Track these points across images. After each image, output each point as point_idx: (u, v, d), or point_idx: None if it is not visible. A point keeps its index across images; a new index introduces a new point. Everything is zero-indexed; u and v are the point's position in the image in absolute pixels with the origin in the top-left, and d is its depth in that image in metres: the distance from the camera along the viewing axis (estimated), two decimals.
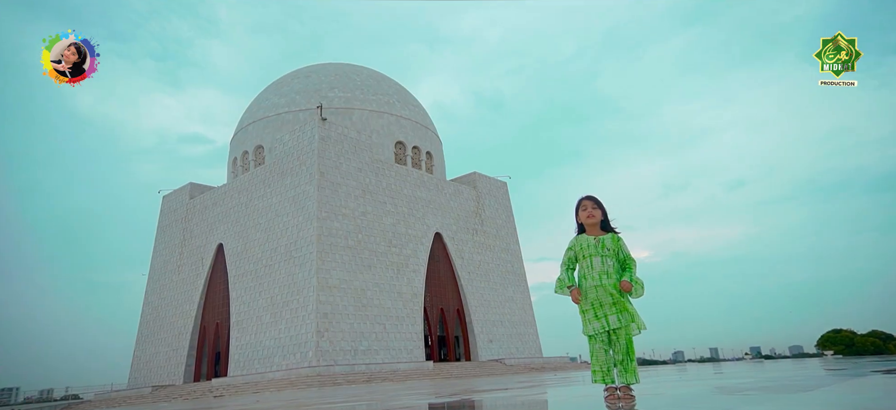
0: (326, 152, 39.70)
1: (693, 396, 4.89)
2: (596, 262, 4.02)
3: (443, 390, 10.63)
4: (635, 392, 4.00)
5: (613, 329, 3.89)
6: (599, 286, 3.97)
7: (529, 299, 54.87)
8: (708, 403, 4.14)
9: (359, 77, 51.50)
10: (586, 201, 4.15)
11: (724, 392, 4.77)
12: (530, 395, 6.32)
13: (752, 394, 4.57)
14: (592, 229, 4.11)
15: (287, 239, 38.44)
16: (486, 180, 54.79)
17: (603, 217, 4.14)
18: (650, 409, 3.68)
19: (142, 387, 42.72)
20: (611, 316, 3.88)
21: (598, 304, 3.96)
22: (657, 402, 4.15)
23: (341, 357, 35.00)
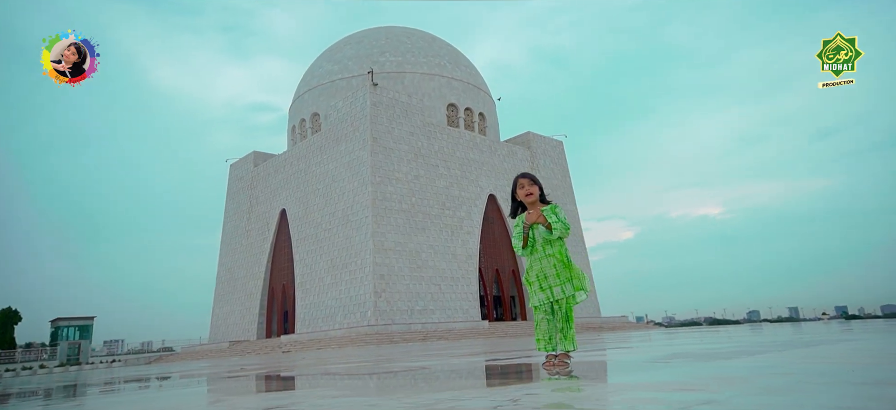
0: (378, 118, 40.22)
1: (623, 364, 4.82)
2: (538, 234, 4.06)
3: (496, 348, 10.84)
4: (572, 359, 4.15)
5: (556, 300, 3.97)
6: (543, 256, 4.02)
7: (587, 258, 54.18)
8: (623, 371, 4.16)
9: (410, 40, 51.34)
10: (522, 179, 4.15)
11: (658, 361, 4.56)
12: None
13: (675, 362, 4.37)
14: (532, 206, 4.13)
15: (344, 204, 39.66)
16: (540, 140, 53.83)
17: (540, 193, 4.16)
18: (579, 373, 3.79)
19: (220, 342, 46.12)
20: (556, 288, 3.94)
21: (543, 276, 4.01)
22: (588, 369, 4.23)
23: (398, 316, 36.19)
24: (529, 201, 4.06)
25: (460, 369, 5.34)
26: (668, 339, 11.57)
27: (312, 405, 3.04)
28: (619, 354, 6.35)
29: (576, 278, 3.97)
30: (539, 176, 51.66)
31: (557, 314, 3.96)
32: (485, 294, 45.15)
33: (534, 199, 4.05)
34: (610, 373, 4.15)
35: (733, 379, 2.97)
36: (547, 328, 3.96)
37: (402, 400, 2.90)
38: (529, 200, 4.05)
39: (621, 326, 47.63)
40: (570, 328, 3.95)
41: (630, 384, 3.24)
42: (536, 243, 4.01)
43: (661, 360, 4.61)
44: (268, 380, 6.15)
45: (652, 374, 3.65)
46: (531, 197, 4.05)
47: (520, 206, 4.15)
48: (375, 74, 44.57)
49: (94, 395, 6.09)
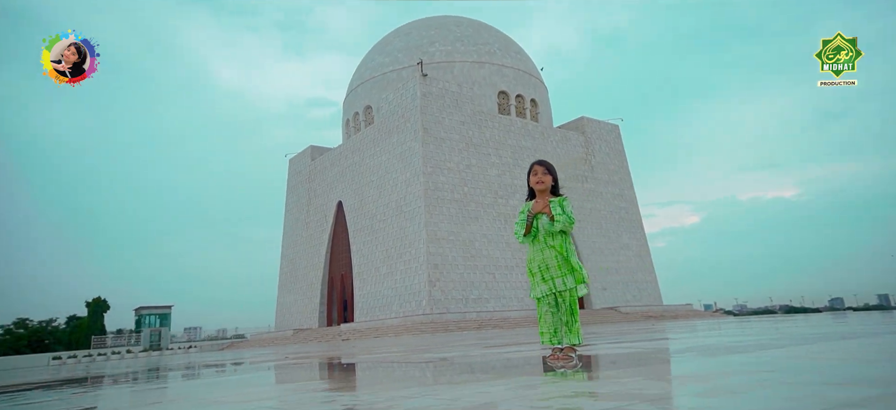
0: (429, 108, 40.58)
1: (639, 356, 4.66)
2: (541, 225, 4.04)
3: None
4: (578, 352, 4.11)
5: (559, 292, 3.93)
6: (545, 247, 4.00)
7: (646, 245, 52.54)
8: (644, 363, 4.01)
9: (459, 29, 51.28)
10: (537, 166, 4.14)
11: (679, 353, 4.40)
12: (626, 347, 6.31)
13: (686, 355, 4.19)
14: (542, 195, 4.10)
15: (397, 195, 40.42)
16: (595, 125, 52.49)
17: (553, 183, 4.13)
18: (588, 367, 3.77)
19: (285, 330, 48.42)
20: (557, 279, 3.92)
21: (545, 267, 3.99)
22: (596, 362, 4.15)
23: (453, 305, 36.61)
24: (540, 189, 4.07)
25: (514, 361, 5.38)
26: (715, 328, 11.11)
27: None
28: (642, 346, 6.23)
29: (576, 271, 3.95)
30: (594, 162, 50.55)
31: (562, 306, 3.94)
32: None
33: (544, 188, 4.06)
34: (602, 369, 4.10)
35: (702, 377, 2.92)
36: (551, 320, 3.96)
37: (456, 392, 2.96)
38: (540, 187, 4.07)
39: (685, 314, 45.94)
40: (576, 320, 3.93)
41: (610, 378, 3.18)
42: (539, 233, 4.00)
43: (679, 353, 4.50)
44: (331, 367, 6.51)
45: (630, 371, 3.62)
46: (542, 185, 4.06)
47: (532, 193, 4.16)
48: (425, 65, 44.91)
49: (176, 379, 6.71)
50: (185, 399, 4.34)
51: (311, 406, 3.05)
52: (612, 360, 4.53)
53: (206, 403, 3.75)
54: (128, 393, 5.19)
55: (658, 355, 4.65)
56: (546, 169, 4.11)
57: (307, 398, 3.46)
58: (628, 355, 5.00)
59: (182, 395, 4.70)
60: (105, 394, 5.11)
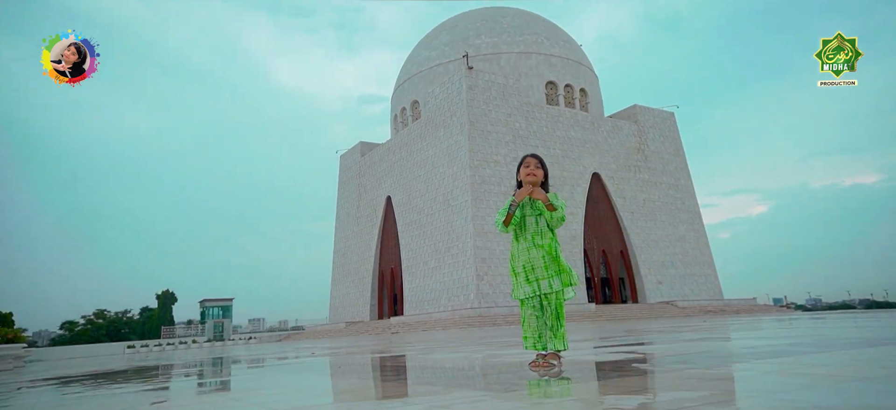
0: (475, 101, 40.30)
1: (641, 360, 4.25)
2: (529, 222, 3.77)
3: (601, 333, 10.45)
4: (563, 358, 3.86)
5: (545, 294, 3.67)
6: (531, 247, 3.74)
7: (705, 237, 50.28)
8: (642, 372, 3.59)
9: (505, 19, 50.60)
10: (530, 158, 3.89)
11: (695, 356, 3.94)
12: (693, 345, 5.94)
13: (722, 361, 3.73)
14: (532, 187, 3.84)
15: (444, 189, 40.46)
16: (648, 113, 50.58)
17: (544, 178, 3.89)
18: (575, 376, 3.35)
19: (338, 322, 49.65)
20: (543, 281, 3.66)
21: (530, 267, 3.73)
22: (583, 371, 3.75)
23: (502, 299, 36.32)
24: (530, 182, 3.84)
25: (508, 364, 5.18)
26: (783, 324, 10.27)
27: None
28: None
29: (564, 272, 3.70)
30: (647, 152, 48.73)
31: (547, 310, 3.70)
32: (591, 276, 43.76)
33: (535, 180, 3.84)
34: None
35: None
36: (535, 324, 3.71)
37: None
38: (530, 180, 3.83)
39: (748, 309, 43.70)
40: (561, 325, 3.69)
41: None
42: (526, 231, 3.78)
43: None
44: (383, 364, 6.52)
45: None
46: (533, 178, 3.83)
47: (520, 185, 3.93)
48: (471, 57, 44.61)
49: (241, 370, 6.94)
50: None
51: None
52: (617, 366, 4.10)
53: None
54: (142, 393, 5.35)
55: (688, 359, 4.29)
56: (539, 162, 3.91)
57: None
58: (666, 355, 4.66)
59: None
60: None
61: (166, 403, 3.97)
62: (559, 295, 3.70)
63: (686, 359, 4.17)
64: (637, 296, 44.20)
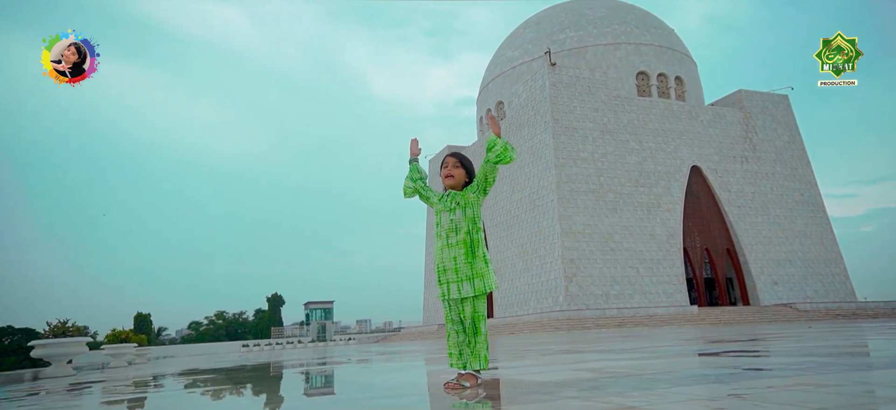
0: (559, 98, 39.17)
1: (555, 384, 3.37)
2: (444, 219, 3.28)
3: (701, 337, 9.62)
4: (481, 379, 3.26)
5: (453, 300, 3.18)
6: (445, 246, 3.25)
7: (832, 232, 44.83)
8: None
9: (590, 11, 48.74)
10: (449, 158, 3.41)
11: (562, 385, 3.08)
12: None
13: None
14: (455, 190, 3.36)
15: (530, 189, 39.70)
16: (756, 98, 46.15)
17: (468, 179, 3.37)
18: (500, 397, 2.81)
19: (432, 324, 50.51)
20: (453, 284, 3.17)
21: (442, 268, 3.25)
22: (511, 391, 3.12)
23: (592, 301, 34.90)
24: (449, 184, 3.41)
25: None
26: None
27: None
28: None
29: (478, 276, 3.17)
30: (756, 140, 44.40)
31: (465, 320, 3.21)
32: (694, 276, 40.68)
33: (454, 182, 3.38)
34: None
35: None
36: (456, 339, 3.24)
37: None
38: (449, 182, 3.40)
39: (888, 312, 38.23)
40: (478, 339, 3.17)
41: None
42: (440, 228, 3.33)
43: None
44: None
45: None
46: (452, 180, 3.38)
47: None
48: (556, 53, 43.45)
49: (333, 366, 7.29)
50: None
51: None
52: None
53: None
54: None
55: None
56: (458, 161, 3.42)
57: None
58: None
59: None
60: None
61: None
62: (476, 305, 3.21)
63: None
64: (748, 298, 40.37)
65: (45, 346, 11.29)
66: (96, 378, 9.41)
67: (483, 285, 3.19)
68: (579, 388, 3.02)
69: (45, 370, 11.56)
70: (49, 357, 11.34)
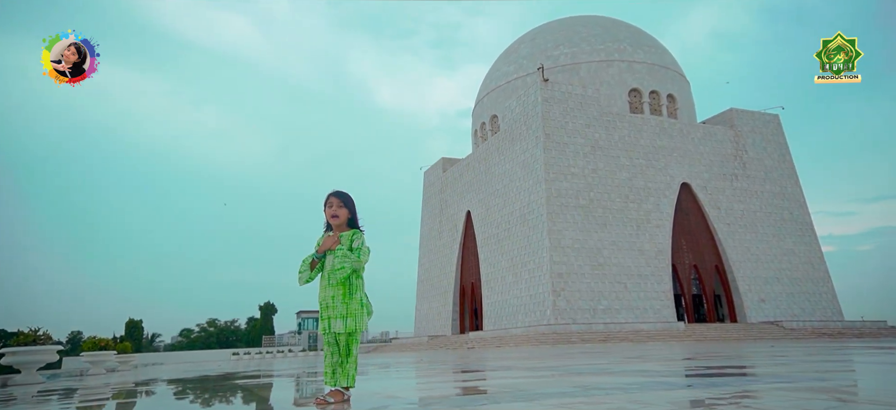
0: (551, 113, 39.63)
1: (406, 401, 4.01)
2: (328, 260, 3.76)
3: (679, 355, 9.86)
4: (351, 395, 3.91)
5: (336, 333, 3.71)
6: (328, 285, 3.76)
7: (819, 251, 45.23)
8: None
9: (585, 28, 49.38)
10: (332, 197, 3.85)
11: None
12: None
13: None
14: (339, 229, 3.83)
15: (520, 203, 40.04)
16: (747, 116, 46.72)
17: (350, 216, 3.86)
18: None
19: (422, 336, 50.60)
20: (335, 320, 3.70)
21: (324, 305, 3.75)
22: (368, 403, 3.88)
23: (580, 316, 35.13)
24: (335, 224, 3.86)
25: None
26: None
27: None
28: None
29: (350, 316, 3.72)
30: (746, 159, 44.90)
31: (339, 345, 3.78)
32: (682, 293, 40.96)
33: (339, 221, 3.85)
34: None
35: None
36: (331, 360, 3.78)
37: None
38: (335, 221, 3.86)
39: (873, 332, 38.49)
40: (349, 361, 3.75)
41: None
42: (325, 268, 3.81)
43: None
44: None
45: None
46: (337, 220, 3.85)
47: (328, 226, 3.95)
48: (549, 69, 43.96)
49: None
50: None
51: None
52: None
53: None
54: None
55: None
56: (342, 201, 3.87)
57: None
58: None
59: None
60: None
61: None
62: (349, 336, 3.76)
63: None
64: (736, 315, 40.64)
65: (14, 354, 11.50)
66: (64, 385, 9.63)
67: (354, 324, 3.75)
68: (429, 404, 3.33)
69: (15, 377, 11.74)
70: (19, 365, 11.55)
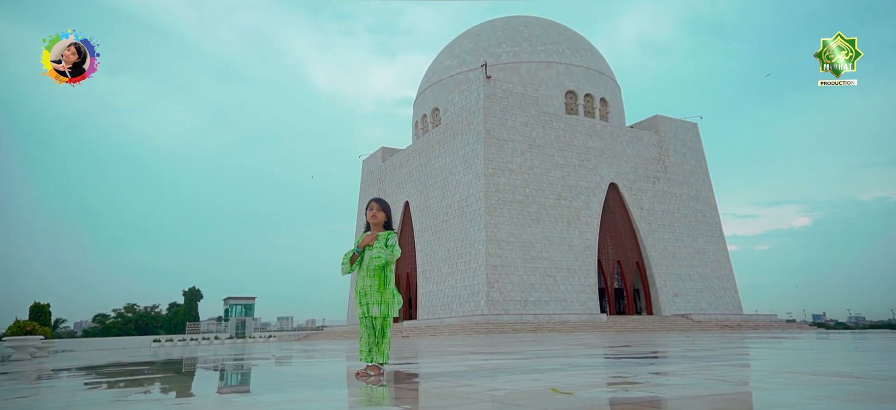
0: (492, 110, 40.73)
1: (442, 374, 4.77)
2: (365, 256, 4.47)
3: (599, 343, 10.72)
4: (385, 370, 4.71)
5: (372, 317, 4.40)
6: (365, 276, 4.45)
7: (726, 251, 49.51)
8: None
9: (527, 29, 50.93)
10: (373, 202, 4.59)
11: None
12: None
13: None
14: (376, 228, 4.54)
15: (459, 196, 40.97)
16: (670, 123, 50.13)
17: (387, 219, 4.58)
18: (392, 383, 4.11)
19: (355, 324, 50.52)
20: (372, 306, 4.38)
21: (363, 293, 4.45)
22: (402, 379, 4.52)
23: (511, 307, 36.59)
24: (374, 224, 4.53)
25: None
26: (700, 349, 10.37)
27: None
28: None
29: (384, 303, 4.39)
30: (668, 163, 48.31)
31: (376, 328, 4.40)
32: (605, 286, 43.60)
33: (377, 222, 4.52)
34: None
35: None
36: (367, 340, 4.41)
37: None
38: (374, 221, 4.53)
39: (767, 325, 42.84)
40: (383, 342, 4.40)
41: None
42: (362, 263, 4.46)
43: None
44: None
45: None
46: (376, 220, 4.52)
47: (368, 226, 4.61)
48: (492, 66, 45.07)
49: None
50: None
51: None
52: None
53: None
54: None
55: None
56: (381, 206, 4.58)
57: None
58: None
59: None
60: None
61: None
62: (384, 319, 4.43)
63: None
64: (652, 308, 43.81)
65: None
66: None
67: (387, 310, 4.43)
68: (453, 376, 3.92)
69: None
70: None
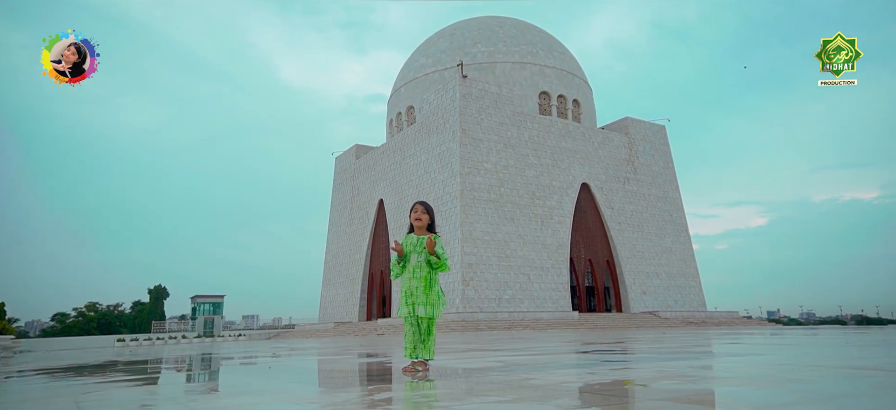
0: (467, 109, 41.03)
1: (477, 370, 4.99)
2: (413, 257, 4.65)
3: (570, 339, 11.06)
4: (431, 365, 4.89)
5: (419, 316, 4.58)
6: (412, 277, 4.63)
7: (691, 250, 51.08)
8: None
9: (502, 29, 51.41)
10: (418, 205, 4.78)
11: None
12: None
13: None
14: (420, 231, 4.72)
15: (434, 194, 41.12)
16: (639, 125, 51.41)
17: (430, 221, 4.76)
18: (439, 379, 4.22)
19: (327, 322, 50.14)
20: (419, 307, 4.56)
21: (409, 293, 4.62)
22: (443, 376, 4.63)
23: (486, 305, 36.99)
24: (418, 226, 4.68)
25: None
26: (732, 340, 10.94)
27: None
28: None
29: (430, 304, 4.57)
30: (637, 164, 49.57)
31: (421, 326, 4.58)
32: (577, 284, 44.46)
33: (422, 224, 4.68)
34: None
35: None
36: (412, 338, 4.57)
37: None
38: (418, 224, 4.68)
39: (729, 321, 44.49)
40: (430, 339, 4.58)
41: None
42: (409, 264, 4.61)
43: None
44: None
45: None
46: (419, 223, 4.68)
47: (412, 227, 4.74)
48: (467, 66, 45.34)
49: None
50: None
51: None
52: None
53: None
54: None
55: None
56: (425, 209, 4.76)
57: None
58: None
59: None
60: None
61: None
62: (430, 319, 4.61)
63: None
64: (621, 306, 44.90)
65: None
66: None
67: (433, 311, 4.63)
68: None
69: None
70: None
